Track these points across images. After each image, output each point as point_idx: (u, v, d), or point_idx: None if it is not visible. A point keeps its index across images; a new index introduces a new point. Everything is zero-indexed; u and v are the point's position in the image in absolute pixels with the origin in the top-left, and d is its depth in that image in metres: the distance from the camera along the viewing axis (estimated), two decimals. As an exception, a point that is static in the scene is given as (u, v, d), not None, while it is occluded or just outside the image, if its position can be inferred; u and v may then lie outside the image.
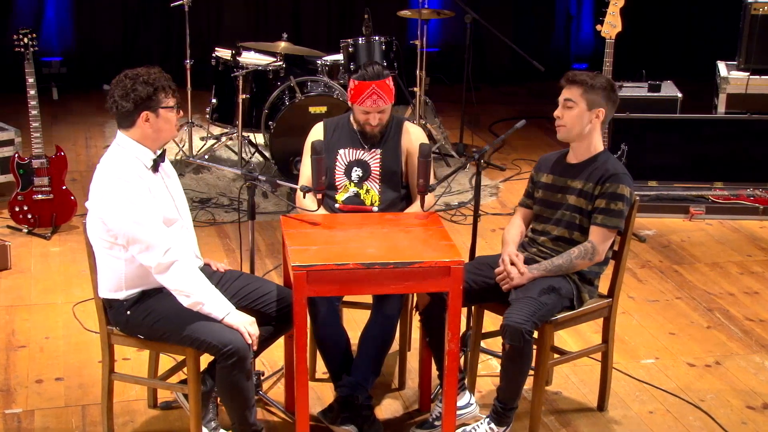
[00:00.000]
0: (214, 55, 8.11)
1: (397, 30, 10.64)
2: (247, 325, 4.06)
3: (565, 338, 5.45)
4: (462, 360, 4.94)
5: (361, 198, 4.85)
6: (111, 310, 4.23)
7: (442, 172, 8.21)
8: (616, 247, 4.62)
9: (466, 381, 4.72)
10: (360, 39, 7.91)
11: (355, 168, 4.87)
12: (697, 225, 7.29)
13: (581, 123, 4.46)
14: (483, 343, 5.03)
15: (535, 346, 4.41)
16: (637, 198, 4.60)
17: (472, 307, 4.80)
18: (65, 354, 5.19)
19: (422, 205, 4.63)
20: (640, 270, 6.44)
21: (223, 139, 8.17)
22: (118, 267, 4.13)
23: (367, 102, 4.74)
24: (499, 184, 8.04)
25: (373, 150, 4.87)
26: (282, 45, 7.87)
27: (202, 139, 8.45)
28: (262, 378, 4.84)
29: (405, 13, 8.34)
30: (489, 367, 5.16)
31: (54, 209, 6.77)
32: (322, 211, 4.79)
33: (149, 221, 4.03)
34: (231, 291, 4.36)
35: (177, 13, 10.49)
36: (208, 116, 8.21)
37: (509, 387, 4.41)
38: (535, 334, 4.38)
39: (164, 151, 4.28)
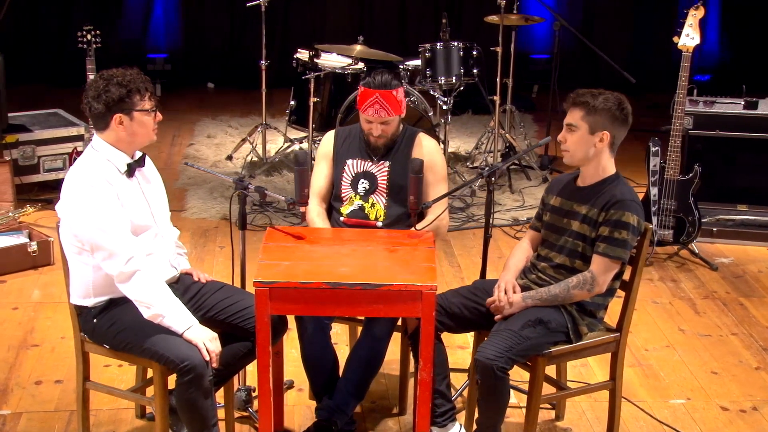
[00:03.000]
0: (295, 56, 7.99)
1: (506, 37, 10.35)
2: (206, 341, 3.89)
3: (594, 370, 5.10)
4: (466, 391, 4.67)
5: (366, 212, 4.62)
6: (80, 317, 4.13)
7: (520, 184, 7.89)
8: (626, 277, 4.26)
9: (463, 414, 4.45)
10: (438, 44, 7.65)
11: (361, 180, 4.64)
12: (783, 255, 6.77)
13: (584, 148, 4.13)
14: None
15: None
16: (651, 227, 4.22)
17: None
18: (74, 356, 5.10)
19: (414, 224, 4.37)
20: (701, 301, 5.99)
21: (299, 140, 8.08)
22: (87, 273, 4.02)
23: (369, 111, 4.51)
24: (576, 200, 7.62)
25: (381, 162, 4.64)
26: (357, 48, 7.69)
27: (287, 141, 8.35)
28: (253, 394, 4.67)
29: (492, 18, 8.02)
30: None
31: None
32: (322, 223, 4.60)
33: (113, 228, 3.90)
34: (209, 303, 4.21)
35: (280, 12, 10.56)
36: (287, 118, 8.10)
37: (484, 422, 4.13)
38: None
39: (143, 155, 4.15)
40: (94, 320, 4.06)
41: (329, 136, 4.79)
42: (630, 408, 4.78)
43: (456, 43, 7.65)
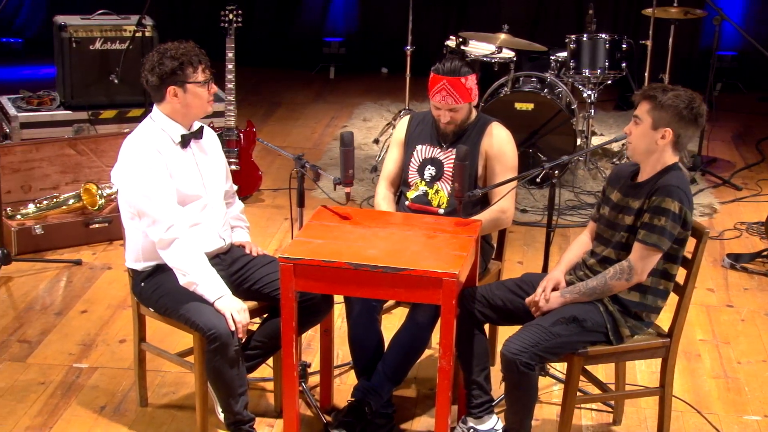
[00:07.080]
0: (445, 43, 7.99)
1: (690, 32, 9.97)
2: (234, 312, 3.98)
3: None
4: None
5: (429, 198, 4.60)
6: (132, 280, 4.30)
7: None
8: (680, 280, 4.06)
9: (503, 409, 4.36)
10: (584, 36, 7.47)
11: (429, 166, 4.62)
12: None
13: (645, 142, 3.93)
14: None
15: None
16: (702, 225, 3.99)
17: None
18: (164, 320, 5.34)
19: (459, 212, 4.30)
20: (827, 314, 5.61)
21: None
22: (138, 238, 4.19)
23: (437, 97, 4.48)
24: (717, 203, 7.25)
25: (450, 149, 4.59)
26: (501, 37, 7.59)
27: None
28: (308, 370, 4.72)
29: (648, 11, 7.74)
30: (554, 394, 4.71)
31: (240, 181, 6.96)
32: (386, 207, 4.61)
33: (157, 196, 4.04)
34: (255, 277, 4.29)
35: (456, 0, 10.54)
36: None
37: (511, 417, 4.03)
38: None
39: (201, 127, 4.26)
40: (142, 284, 4.22)
41: (404, 121, 4.79)
42: (697, 419, 4.55)
43: (603, 35, 7.45)
